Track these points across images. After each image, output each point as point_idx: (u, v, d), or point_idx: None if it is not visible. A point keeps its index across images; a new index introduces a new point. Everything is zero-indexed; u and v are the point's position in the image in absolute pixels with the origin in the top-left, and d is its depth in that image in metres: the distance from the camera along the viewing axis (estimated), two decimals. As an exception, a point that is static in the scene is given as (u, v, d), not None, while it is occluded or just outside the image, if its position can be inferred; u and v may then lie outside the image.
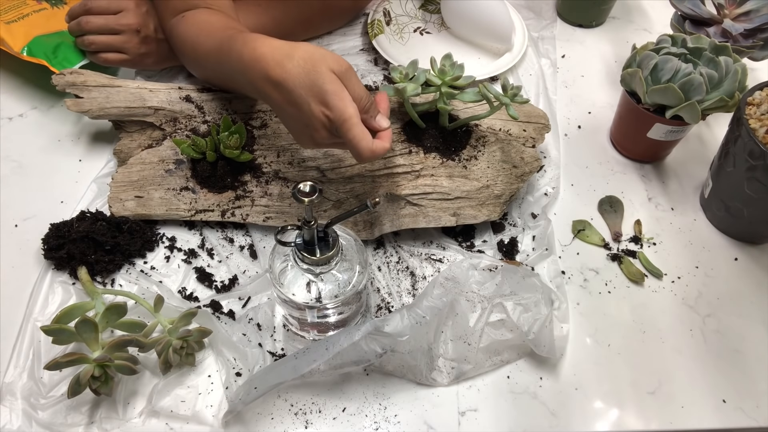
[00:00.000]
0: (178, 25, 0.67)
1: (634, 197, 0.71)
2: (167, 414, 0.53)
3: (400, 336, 0.51)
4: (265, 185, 0.64)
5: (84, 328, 0.50)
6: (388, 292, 0.62)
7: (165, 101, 0.67)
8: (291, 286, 0.52)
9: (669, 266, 0.65)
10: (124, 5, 0.71)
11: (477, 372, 0.56)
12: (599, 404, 0.56)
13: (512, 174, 0.65)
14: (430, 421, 0.54)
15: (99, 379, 0.50)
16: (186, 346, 0.54)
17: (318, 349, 0.51)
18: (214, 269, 0.63)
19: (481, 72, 0.80)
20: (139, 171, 0.65)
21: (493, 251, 0.65)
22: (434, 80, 0.62)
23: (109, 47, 0.72)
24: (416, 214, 0.62)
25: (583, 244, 0.67)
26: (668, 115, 0.65)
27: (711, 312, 0.62)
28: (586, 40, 0.90)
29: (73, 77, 0.65)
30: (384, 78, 0.81)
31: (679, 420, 0.55)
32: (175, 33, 0.68)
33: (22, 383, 0.54)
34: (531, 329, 0.55)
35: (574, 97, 0.81)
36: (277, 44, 0.53)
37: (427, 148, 0.64)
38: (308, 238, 0.50)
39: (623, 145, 0.75)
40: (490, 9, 0.80)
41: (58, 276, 0.61)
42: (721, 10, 0.75)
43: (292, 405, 0.55)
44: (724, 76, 0.64)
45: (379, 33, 0.84)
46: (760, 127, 0.59)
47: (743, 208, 0.63)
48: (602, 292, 0.63)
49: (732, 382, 0.57)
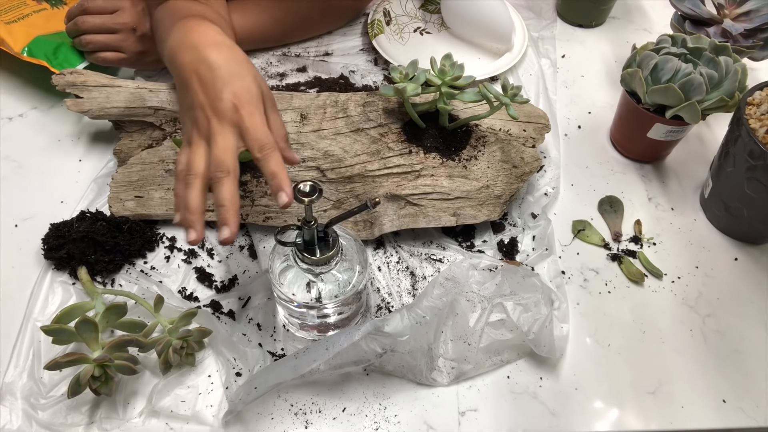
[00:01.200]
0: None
1: (634, 197, 0.71)
2: (167, 414, 0.53)
3: (400, 336, 0.51)
4: (265, 185, 0.64)
5: (84, 328, 0.50)
6: (388, 292, 0.62)
7: (165, 101, 0.67)
8: (291, 286, 0.52)
9: (669, 266, 0.65)
10: (120, 5, 0.71)
11: (477, 372, 0.56)
12: (599, 404, 0.56)
13: (512, 174, 0.65)
14: (430, 421, 0.54)
15: (99, 379, 0.50)
16: (186, 346, 0.54)
17: (318, 349, 0.51)
18: (214, 269, 0.63)
19: (481, 72, 0.80)
20: (139, 171, 0.65)
21: (493, 251, 0.65)
22: (434, 80, 0.62)
23: (106, 46, 0.72)
24: (416, 214, 0.62)
25: (583, 244, 0.67)
26: (668, 115, 0.65)
27: (711, 312, 0.62)
28: (586, 40, 0.90)
29: (73, 77, 0.65)
30: (384, 78, 0.81)
31: (679, 420, 0.55)
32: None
33: (22, 383, 0.54)
34: (531, 329, 0.55)
35: (574, 97, 0.81)
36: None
37: (427, 148, 0.64)
38: (308, 238, 0.50)
39: (623, 145, 0.75)
40: (490, 9, 0.80)
41: (58, 276, 0.61)
42: (721, 10, 0.75)
43: (292, 405, 0.55)
44: (724, 76, 0.64)
45: (379, 33, 0.84)
46: (760, 127, 0.59)
47: (743, 208, 0.63)
48: (602, 292, 0.63)
49: (732, 382, 0.57)
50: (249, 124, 0.50)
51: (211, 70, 0.51)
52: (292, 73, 0.81)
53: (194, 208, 0.48)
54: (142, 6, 0.72)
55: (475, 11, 0.80)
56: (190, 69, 0.52)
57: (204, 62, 0.51)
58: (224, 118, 0.50)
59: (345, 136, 0.65)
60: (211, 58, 0.51)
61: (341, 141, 0.64)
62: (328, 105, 0.67)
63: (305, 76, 0.81)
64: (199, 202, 0.49)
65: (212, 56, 0.52)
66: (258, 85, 0.52)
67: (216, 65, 0.51)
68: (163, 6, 0.65)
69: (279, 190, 0.48)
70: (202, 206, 0.49)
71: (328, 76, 0.80)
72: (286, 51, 0.84)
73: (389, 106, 0.66)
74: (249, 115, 0.50)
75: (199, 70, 0.51)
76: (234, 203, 0.48)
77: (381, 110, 0.66)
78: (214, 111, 0.50)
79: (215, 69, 0.51)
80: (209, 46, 0.52)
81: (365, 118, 0.65)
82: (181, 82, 0.53)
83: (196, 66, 0.52)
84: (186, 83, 0.52)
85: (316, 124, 0.65)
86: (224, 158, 0.49)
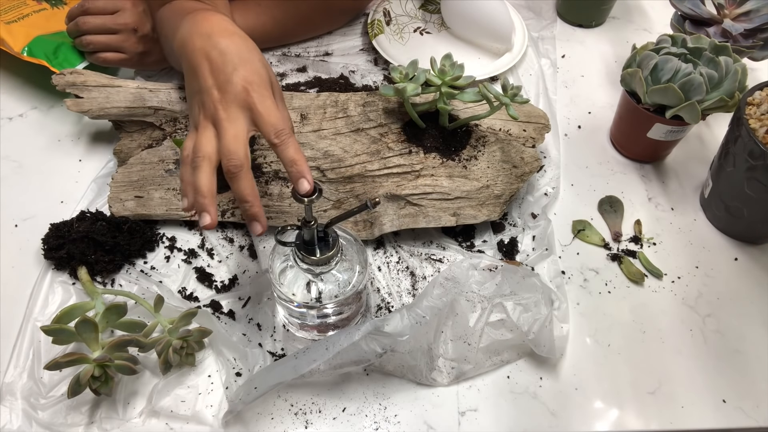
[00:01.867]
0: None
1: (634, 197, 0.71)
2: (167, 414, 0.53)
3: (400, 336, 0.51)
4: (265, 185, 0.64)
5: (84, 328, 0.50)
6: (388, 292, 0.62)
7: (165, 101, 0.67)
8: (291, 286, 0.52)
9: (669, 266, 0.65)
10: (120, 5, 0.71)
11: (477, 372, 0.56)
12: (599, 404, 0.56)
13: (512, 174, 0.65)
14: (430, 421, 0.54)
15: (99, 379, 0.50)
16: (186, 346, 0.54)
17: (318, 349, 0.51)
18: (214, 269, 0.63)
19: (481, 72, 0.80)
20: (139, 171, 0.65)
21: (493, 251, 0.65)
22: (434, 80, 0.62)
23: (107, 47, 0.72)
24: (416, 214, 0.62)
25: (583, 244, 0.67)
26: (668, 115, 0.65)
27: (711, 312, 0.62)
28: (586, 40, 0.90)
29: (73, 77, 0.65)
30: (384, 78, 0.81)
31: (679, 420, 0.55)
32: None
33: (22, 383, 0.54)
34: (531, 329, 0.55)
35: (574, 97, 0.81)
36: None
37: (427, 148, 0.64)
38: (308, 238, 0.49)
39: (623, 145, 0.75)
40: (490, 9, 0.80)
41: (58, 276, 0.61)
42: (721, 10, 0.75)
43: (292, 405, 0.54)
44: (724, 76, 0.64)
45: (379, 33, 0.84)
46: (760, 127, 0.59)
47: (743, 208, 0.63)
48: (602, 292, 0.63)
49: (732, 382, 0.57)
50: (262, 108, 0.48)
51: (222, 54, 0.50)
52: (292, 73, 0.81)
53: (205, 190, 0.47)
54: (143, 7, 0.72)
55: (475, 11, 0.80)
56: (201, 54, 0.51)
57: (216, 48, 0.51)
58: (234, 101, 0.49)
59: (345, 136, 0.65)
60: (222, 44, 0.51)
61: (341, 141, 0.64)
62: (328, 105, 0.67)
63: (305, 76, 0.81)
64: (210, 184, 0.47)
65: (223, 42, 0.51)
66: (267, 72, 0.52)
67: (227, 51, 0.51)
68: (167, 6, 0.65)
69: (300, 177, 0.47)
70: (213, 188, 0.47)
71: (328, 76, 0.80)
72: (286, 51, 0.84)
73: (389, 106, 0.66)
74: (261, 98, 0.49)
75: (210, 55, 0.51)
76: (256, 195, 0.47)
77: (381, 110, 0.66)
78: (223, 93, 0.49)
79: (226, 54, 0.50)
80: (221, 33, 0.52)
81: (365, 118, 0.65)
82: (190, 67, 0.52)
83: (207, 51, 0.51)
84: (195, 68, 0.52)
85: (316, 124, 0.65)
86: (235, 148, 0.47)
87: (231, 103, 0.49)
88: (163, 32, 0.66)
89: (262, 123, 0.48)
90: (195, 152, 0.48)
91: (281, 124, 0.48)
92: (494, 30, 0.81)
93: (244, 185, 0.47)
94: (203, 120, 0.50)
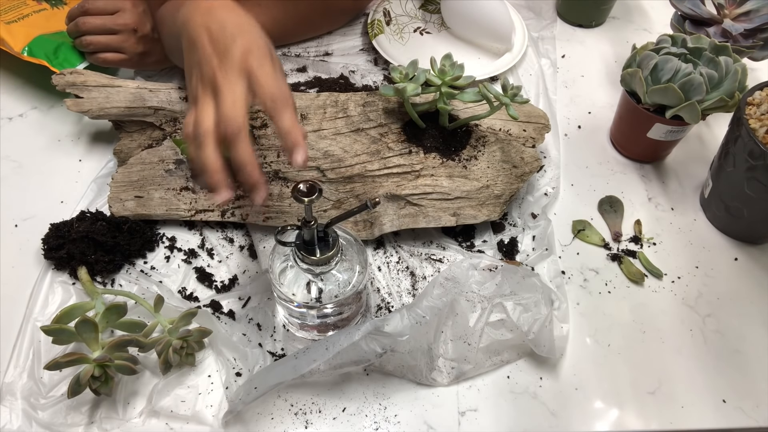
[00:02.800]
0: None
1: (634, 197, 0.71)
2: (167, 414, 0.53)
3: (400, 336, 0.51)
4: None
5: (84, 328, 0.50)
6: (388, 292, 0.62)
7: (165, 101, 0.67)
8: (291, 286, 0.52)
9: (669, 266, 0.65)
10: (120, 5, 0.71)
11: (477, 372, 0.56)
12: (599, 404, 0.56)
13: (512, 174, 0.65)
14: (430, 421, 0.54)
15: (99, 379, 0.50)
16: (186, 346, 0.54)
17: (318, 349, 0.51)
18: (214, 269, 0.63)
19: (481, 72, 0.80)
20: (139, 171, 0.65)
21: (493, 251, 0.65)
22: (434, 80, 0.62)
23: (107, 47, 0.72)
24: (416, 214, 0.62)
25: (583, 244, 0.67)
26: (668, 115, 0.65)
27: (711, 312, 0.62)
28: (586, 40, 0.90)
29: (73, 77, 0.65)
30: (384, 78, 0.81)
31: (679, 420, 0.55)
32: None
33: (22, 383, 0.54)
34: (531, 329, 0.55)
35: (574, 97, 0.81)
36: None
37: (427, 148, 0.64)
38: (308, 238, 0.50)
39: (623, 145, 0.75)
40: (490, 9, 0.80)
41: (58, 276, 0.61)
42: (721, 10, 0.75)
43: (292, 405, 0.55)
44: (724, 76, 0.64)
45: (379, 33, 0.84)
46: (760, 127, 0.59)
47: (743, 208, 0.63)
48: (602, 292, 0.63)
49: (732, 382, 0.57)
50: (260, 74, 0.48)
51: (222, 26, 0.50)
52: (292, 73, 0.81)
53: (214, 167, 0.46)
54: (143, 7, 0.72)
55: (475, 11, 0.80)
56: (201, 27, 0.51)
57: (216, 21, 0.50)
58: (232, 66, 0.48)
59: (345, 136, 0.65)
60: (222, 15, 0.51)
61: (341, 141, 0.64)
62: (328, 105, 0.67)
63: (305, 76, 0.81)
64: (217, 159, 0.47)
65: (223, 14, 0.51)
66: (267, 44, 0.51)
67: (227, 22, 0.50)
68: (167, 4, 0.65)
69: (295, 146, 0.46)
70: (220, 163, 0.47)
71: (328, 76, 0.81)
72: (286, 51, 0.84)
73: (389, 106, 0.66)
74: (259, 64, 0.48)
75: (210, 27, 0.50)
76: (255, 162, 0.46)
77: (381, 110, 0.66)
78: (222, 60, 0.48)
79: (226, 25, 0.50)
80: (221, 8, 0.52)
81: (365, 118, 0.65)
82: (190, 40, 0.52)
83: (207, 24, 0.51)
84: (195, 40, 0.51)
85: (316, 124, 0.65)
86: (233, 114, 0.46)
87: (229, 69, 0.48)
88: (164, 29, 0.66)
89: (259, 88, 0.48)
90: (196, 127, 0.47)
91: (278, 91, 0.48)
92: (494, 30, 0.81)
93: (242, 149, 0.46)
94: (202, 91, 0.49)
